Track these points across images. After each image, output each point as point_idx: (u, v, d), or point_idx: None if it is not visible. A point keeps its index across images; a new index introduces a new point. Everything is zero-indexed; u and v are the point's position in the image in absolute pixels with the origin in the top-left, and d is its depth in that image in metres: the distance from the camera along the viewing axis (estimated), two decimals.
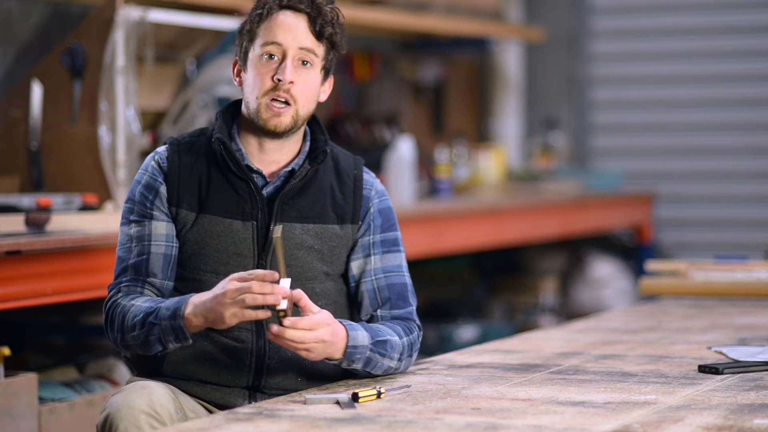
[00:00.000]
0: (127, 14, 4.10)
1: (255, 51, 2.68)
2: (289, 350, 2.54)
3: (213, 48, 4.61)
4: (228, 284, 2.49)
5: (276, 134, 2.68)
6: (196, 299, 2.54)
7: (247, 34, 2.71)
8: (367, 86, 6.40)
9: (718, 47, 7.33)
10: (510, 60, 7.40)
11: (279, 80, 2.64)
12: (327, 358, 2.59)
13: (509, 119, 7.39)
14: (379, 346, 2.65)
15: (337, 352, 2.58)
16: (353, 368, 2.63)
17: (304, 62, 2.68)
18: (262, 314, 2.50)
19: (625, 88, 7.54)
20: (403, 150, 5.59)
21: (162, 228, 2.69)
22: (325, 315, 2.55)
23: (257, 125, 2.69)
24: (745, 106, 7.28)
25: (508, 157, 7.08)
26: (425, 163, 6.10)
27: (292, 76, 2.65)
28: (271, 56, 2.66)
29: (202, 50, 4.67)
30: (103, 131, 4.06)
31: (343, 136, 5.81)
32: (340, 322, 2.61)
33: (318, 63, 2.70)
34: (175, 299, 2.58)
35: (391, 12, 5.85)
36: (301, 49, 2.67)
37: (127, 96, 4.09)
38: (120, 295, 2.67)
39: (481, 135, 7.37)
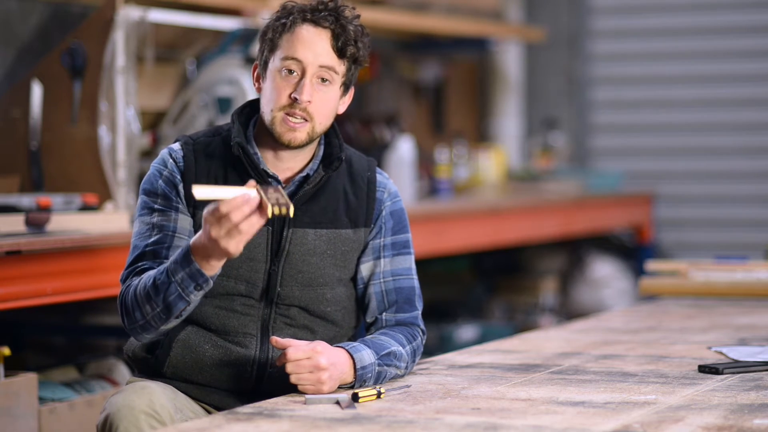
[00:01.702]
0: (127, 14, 4.10)
1: (275, 63, 2.64)
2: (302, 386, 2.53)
3: (213, 48, 4.60)
4: (211, 230, 2.39)
5: (290, 148, 2.67)
6: (196, 247, 2.45)
7: (268, 43, 2.66)
8: (367, 86, 6.40)
9: (718, 47, 7.34)
10: (510, 60, 7.40)
11: (296, 99, 2.61)
12: (340, 385, 2.57)
13: (509, 119, 7.39)
14: (385, 358, 2.65)
15: (347, 376, 2.57)
16: (366, 387, 2.61)
17: (323, 80, 2.64)
18: (264, 219, 2.42)
19: (625, 88, 7.54)
20: (403, 150, 5.59)
21: (186, 222, 2.66)
22: (315, 343, 2.54)
23: (273, 137, 2.67)
24: (745, 106, 7.28)
25: (508, 157, 7.08)
26: (425, 163, 6.10)
27: (310, 96, 2.62)
28: (290, 71, 2.63)
29: (202, 50, 4.67)
30: (103, 131, 4.06)
31: (343, 136, 5.80)
32: (340, 346, 2.60)
33: (338, 80, 2.66)
34: (177, 252, 2.50)
35: (391, 12, 5.85)
36: (321, 67, 2.63)
37: (127, 96, 4.09)
38: (135, 278, 2.61)
39: (481, 135, 7.37)
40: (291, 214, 2.40)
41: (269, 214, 2.39)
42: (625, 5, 7.55)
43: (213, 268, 2.47)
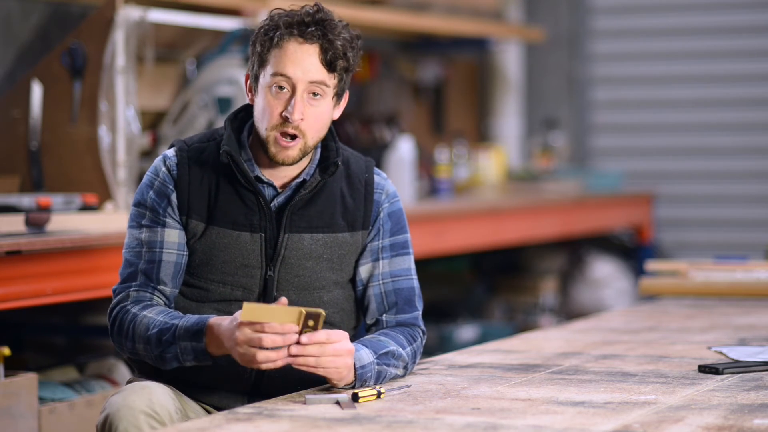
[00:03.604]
0: (127, 14, 4.10)
1: (265, 78, 2.63)
2: (317, 374, 2.51)
3: (213, 48, 4.61)
4: (238, 333, 2.43)
5: (284, 165, 2.66)
6: (214, 329, 2.50)
7: (257, 57, 2.65)
8: (367, 86, 6.40)
9: (718, 47, 7.34)
10: (510, 60, 7.40)
11: (287, 118, 2.60)
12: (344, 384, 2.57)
13: (509, 119, 7.39)
14: (384, 357, 2.64)
15: (351, 374, 2.57)
16: (367, 387, 2.60)
17: (314, 94, 2.63)
18: (280, 363, 2.47)
19: (625, 88, 7.54)
20: (403, 150, 5.59)
21: (174, 236, 2.67)
22: (342, 332, 2.54)
23: (266, 154, 2.66)
24: (745, 106, 7.28)
25: (508, 157, 7.08)
26: (425, 163, 6.10)
27: (301, 114, 2.61)
28: (280, 88, 2.61)
29: (202, 50, 4.67)
30: (103, 131, 4.06)
31: (343, 136, 5.81)
32: None
33: (329, 92, 2.65)
34: (193, 320, 2.54)
35: (391, 12, 5.85)
36: (312, 83, 2.61)
37: (127, 96, 4.09)
38: (129, 301, 2.64)
39: (481, 135, 7.37)
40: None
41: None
42: (625, 5, 7.55)
43: (221, 351, 2.51)
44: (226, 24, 4.55)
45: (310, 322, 2.45)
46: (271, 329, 2.41)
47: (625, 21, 7.54)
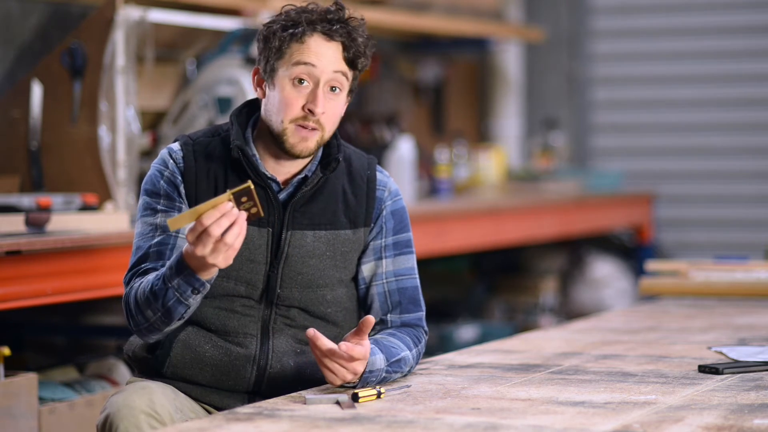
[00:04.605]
0: (127, 14, 4.10)
1: (285, 71, 2.62)
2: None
3: (213, 48, 4.61)
4: (195, 249, 2.40)
5: (300, 157, 2.66)
6: (189, 255, 2.45)
7: (275, 51, 2.64)
8: (367, 86, 6.40)
9: (718, 47, 7.34)
10: (510, 60, 7.40)
11: (311, 111, 2.61)
12: (342, 384, 2.56)
13: (509, 119, 7.39)
14: (394, 365, 2.64)
15: (355, 379, 2.57)
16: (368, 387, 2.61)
17: (333, 88, 2.64)
18: (245, 227, 2.42)
19: (625, 88, 7.54)
20: (403, 150, 5.59)
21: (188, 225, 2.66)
22: (367, 347, 2.53)
23: (280, 146, 2.65)
24: (745, 106, 7.29)
25: (508, 157, 7.08)
26: (425, 163, 6.10)
27: (323, 107, 2.61)
28: (301, 81, 2.62)
29: (202, 50, 4.67)
30: (103, 131, 4.06)
31: (343, 136, 5.79)
32: None
33: (346, 87, 2.67)
34: (173, 259, 2.50)
35: (391, 12, 5.85)
36: (335, 72, 2.63)
37: (127, 96, 4.09)
38: (137, 280, 2.60)
39: (481, 135, 7.37)
40: (261, 215, 2.44)
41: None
42: (625, 5, 7.55)
43: (208, 273, 2.48)
44: (226, 24, 4.55)
45: (244, 199, 2.41)
46: (209, 218, 2.37)
47: (625, 21, 7.55)
